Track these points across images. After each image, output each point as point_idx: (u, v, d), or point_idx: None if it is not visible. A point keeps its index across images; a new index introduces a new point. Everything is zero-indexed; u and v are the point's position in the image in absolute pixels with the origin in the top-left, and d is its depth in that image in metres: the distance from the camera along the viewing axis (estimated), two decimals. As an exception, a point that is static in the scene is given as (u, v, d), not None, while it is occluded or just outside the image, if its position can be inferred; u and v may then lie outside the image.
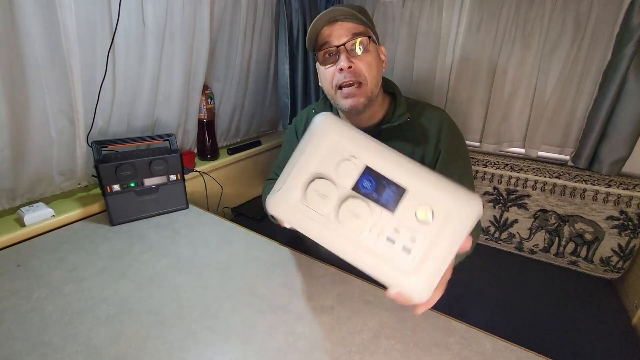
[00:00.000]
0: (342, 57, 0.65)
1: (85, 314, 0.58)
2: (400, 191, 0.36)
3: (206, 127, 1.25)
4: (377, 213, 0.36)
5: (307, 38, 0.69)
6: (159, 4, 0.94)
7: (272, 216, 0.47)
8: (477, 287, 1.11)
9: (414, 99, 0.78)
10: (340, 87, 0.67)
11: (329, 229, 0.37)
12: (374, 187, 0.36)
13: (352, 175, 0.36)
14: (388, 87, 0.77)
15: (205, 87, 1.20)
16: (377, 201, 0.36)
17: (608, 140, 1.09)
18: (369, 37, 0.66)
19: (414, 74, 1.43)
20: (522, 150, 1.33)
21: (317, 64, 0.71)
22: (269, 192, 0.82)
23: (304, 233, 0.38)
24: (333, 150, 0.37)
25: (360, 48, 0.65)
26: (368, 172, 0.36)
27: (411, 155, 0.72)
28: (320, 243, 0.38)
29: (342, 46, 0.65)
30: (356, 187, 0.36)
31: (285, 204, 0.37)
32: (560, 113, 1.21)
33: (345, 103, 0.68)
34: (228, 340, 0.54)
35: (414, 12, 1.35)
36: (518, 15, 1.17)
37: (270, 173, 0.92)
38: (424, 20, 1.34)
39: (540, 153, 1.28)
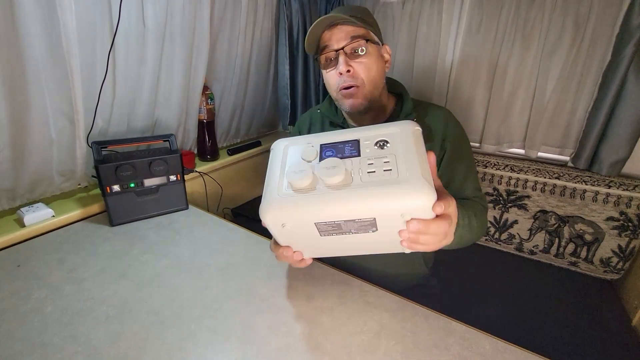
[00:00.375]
0: (341, 60, 0.65)
1: (85, 315, 0.58)
2: (355, 142, 0.44)
3: (206, 127, 1.25)
4: (349, 162, 0.42)
5: (306, 42, 0.69)
6: (159, 4, 0.94)
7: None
8: (477, 287, 1.11)
9: (418, 99, 0.78)
10: (342, 89, 0.68)
11: (321, 200, 0.40)
12: (335, 151, 0.44)
13: (314, 154, 0.44)
14: (395, 87, 0.77)
15: (205, 88, 1.20)
16: (343, 157, 0.43)
17: (608, 141, 1.09)
18: (368, 40, 0.66)
19: (414, 75, 1.43)
20: (522, 151, 1.33)
21: (321, 68, 0.72)
22: None
23: (302, 223, 0.42)
24: (292, 150, 0.46)
25: (358, 51, 0.65)
26: (325, 147, 0.45)
27: None
28: (320, 220, 0.42)
29: (341, 50, 0.65)
30: (322, 159, 0.43)
31: (273, 203, 0.42)
32: (560, 114, 1.21)
33: (346, 103, 0.69)
34: (228, 341, 0.54)
35: (414, 13, 1.36)
36: (518, 16, 1.17)
37: None
38: (423, 21, 1.34)
39: (540, 154, 1.28)
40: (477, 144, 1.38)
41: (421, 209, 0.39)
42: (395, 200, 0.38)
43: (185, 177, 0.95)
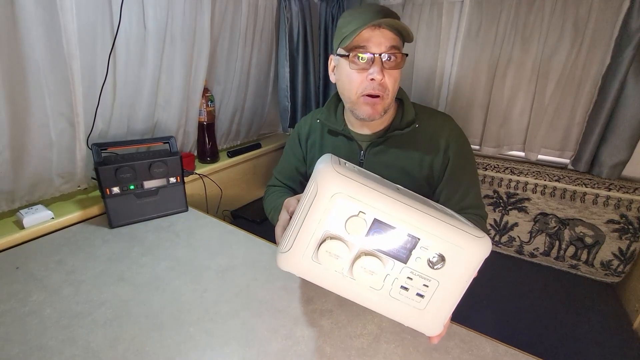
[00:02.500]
0: (377, 68, 0.62)
1: (83, 317, 0.57)
2: (411, 240, 0.35)
3: (206, 129, 1.25)
4: (390, 264, 0.36)
5: (342, 33, 0.64)
6: (160, 7, 0.95)
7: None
8: (477, 290, 1.10)
9: (421, 104, 0.78)
10: (365, 94, 0.65)
11: (343, 281, 0.38)
12: (385, 239, 0.36)
13: (361, 230, 0.35)
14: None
15: (206, 90, 1.20)
16: (388, 253, 0.36)
17: (608, 144, 1.09)
18: (403, 53, 0.64)
19: (414, 78, 1.44)
20: (522, 154, 1.33)
21: (340, 64, 0.67)
22: (271, 200, 0.80)
23: (317, 284, 0.39)
24: (339, 208, 0.35)
25: (393, 62, 0.63)
26: (377, 225, 0.35)
27: (420, 162, 0.72)
28: (334, 292, 0.39)
29: (379, 56, 0.62)
30: (367, 241, 0.36)
31: (296, 264, 0.38)
32: (560, 116, 1.21)
33: (364, 111, 0.67)
34: (227, 344, 0.53)
35: (414, 16, 1.36)
36: (517, 19, 1.17)
37: (272, 178, 0.91)
38: (423, 25, 1.35)
39: (540, 156, 1.29)
40: (477, 147, 1.38)
41: (422, 332, 0.40)
42: (407, 322, 0.39)
43: (185, 179, 0.95)
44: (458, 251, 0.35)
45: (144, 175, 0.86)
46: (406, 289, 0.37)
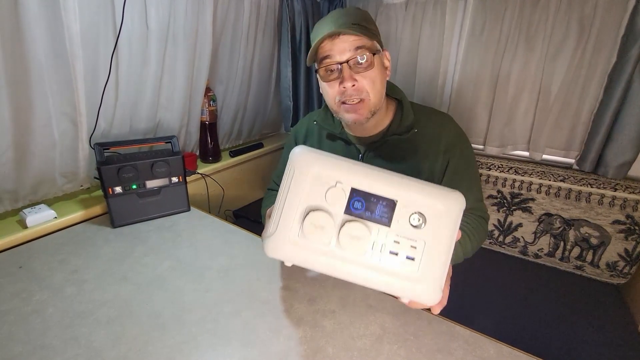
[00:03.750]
0: (345, 74, 0.61)
1: (86, 317, 0.57)
2: (390, 204, 0.38)
3: (208, 129, 1.25)
4: (375, 230, 0.37)
5: (308, 55, 0.64)
6: (162, 6, 0.95)
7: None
8: (481, 291, 1.10)
9: (420, 104, 0.76)
10: (343, 102, 0.65)
11: (333, 257, 0.38)
12: (365, 205, 0.38)
13: (341, 199, 0.38)
14: (394, 92, 0.74)
15: (208, 90, 1.20)
16: (371, 219, 0.38)
17: (614, 144, 1.08)
18: (373, 53, 0.62)
19: (417, 77, 1.43)
20: (526, 154, 1.32)
21: (318, 78, 0.68)
22: (269, 205, 0.79)
23: (307, 267, 0.39)
24: (317, 181, 0.38)
25: (363, 63, 0.61)
26: (356, 194, 0.38)
27: (419, 166, 0.71)
28: (326, 273, 0.39)
29: (345, 63, 0.61)
30: (348, 210, 0.38)
31: (284, 245, 0.38)
32: (565, 116, 1.20)
33: (348, 117, 0.66)
34: (229, 344, 0.53)
35: (417, 15, 1.35)
36: (522, 18, 1.16)
37: (270, 182, 0.90)
38: (427, 23, 1.34)
39: (545, 156, 1.27)
40: (481, 146, 1.37)
41: (423, 303, 0.39)
42: (403, 293, 0.38)
43: (187, 178, 0.95)
44: (435, 207, 0.37)
45: (146, 174, 0.86)
46: (395, 253, 0.37)
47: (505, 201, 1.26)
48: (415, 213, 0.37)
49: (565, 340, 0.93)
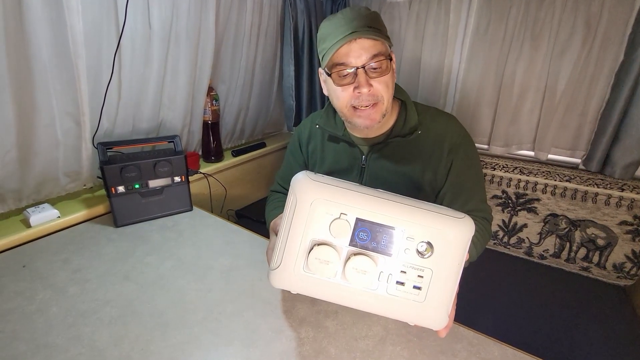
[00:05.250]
0: (362, 80, 0.60)
1: (89, 316, 0.58)
2: (396, 233, 0.37)
3: (211, 128, 1.25)
4: (382, 260, 0.37)
5: (323, 57, 0.62)
6: (165, 6, 0.95)
7: None
8: (485, 292, 1.09)
9: (424, 104, 0.75)
10: (354, 107, 0.64)
11: (339, 289, 0.37)
12: (371, 236, 0.37)
13: (346, 231, 0.37)
14: (398, 93, 0.73)
15: (210, 89, 1.20)
16: (377, 250, 0.37)
17: (621, 143, 1.06)
18: (389, 58, 0.61)
19: (421, 77, 1.42)
20: (531, 153, 1.30)
21: (327, 80, 0.66)
22: (272, 208, 0.77)
23: (314, 297, 0.39)
24: (320, 211, 0.37)
25: (379, 70, 0.60)
26: (361, 224, 0.37)
27: (423, 167, 0.70)
28: (332, 302, 0.39)
29: (362, 68, 0.60)
30: (353, 241, 0.37)
31: (288, 278, 0.38)
32: (571, 115, 1.19)
33: (361, 122, 0.65)
34: (231, 344, 0.53)
35: (421, 13, 1.34)
36: (527, 16, 1.15)
37: (274, 184, 0.89)
38: (431, 22, 1.33)
39: (551, 156, 1.26)
40: (486, 146, 1.36)
41: (430, 328, 0.39)
42: (409, 320, 0.38)
43: (190, 178, 0.95)
44: (443, 235, 0.36)
45: (148, 174, 0.86)
46: (402, 283, 0.37)
47: (510, 201, 1.25)
48: (422, 242, 0.36)
49: (571, 343, 0.92)
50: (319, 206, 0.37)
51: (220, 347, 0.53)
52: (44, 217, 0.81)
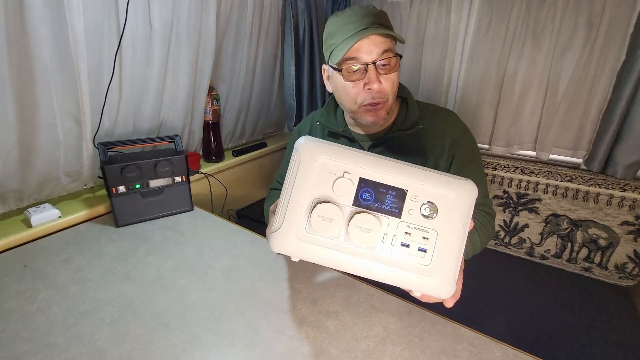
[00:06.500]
0: (372, 76, 0.60)
1: (90, 316, 0.58)
2: (400, 193, 0.36)
3: (211, 128, 1.25)
4: (385, 221, 0.36)
5: (330, 45, 0.62)
6: (166, 6, 0.95)
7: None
8: (486, 293, 1.09)
9: (425, 102, 0.76)
10: (363, 104, 0.64)
11: (342, 251, 0.36)
12: (374, 196, 0.36)
13: (350, 191, 0.36)
14: (400, 90, 0.73)
15: (211, 89, 1.20)
16: (381, 210, 0.36)
17: (623, 143, 1.06)
18: (398, 55, 0.62)
19: (422, 76, 1.42)
20: (533, 153, 1.30)
21: (334, 76, 0.66)
22: (269, 205, 0.77)
23: (316, 262, 0.38)
24: (324, 171, 0.36)
25: (388, 66, 0.61)
26: (364, 184, 0.36)
27: (423, 160, 0.70)
28: (335, 268, 0.38)
29: (372, 64, 0.60)
30: (357, 202, 0.36)
31: (290, 239, 0.37)
32: (573, 115, 1.18)
33: (367, 118, 0.66)
34: (232, 344, 0.53)
35: (422, 13, 1.34)
36: (528, 15, 1.15)
37: (273, 182, 0.89)
38: (432, 21, 1.33)
39: (552, 156, 1.26)
40: (487, 146, 1.36)
41: (437, 296, 0.38)
42: (416, 286, 0.37)
43: (190, 178, 0.95)
44: (447, 196, 0.36)
45: (149, 174, 0.86)
46: (407, 245, 0.36)
47: (511, 201, 1.25)
48: (426, 203, 0.36)
49: (572, 343, 0.91)
50: (323, 165, 0.36)
51: (221, 347, 0.53)
52: (44, 217, 0.81)
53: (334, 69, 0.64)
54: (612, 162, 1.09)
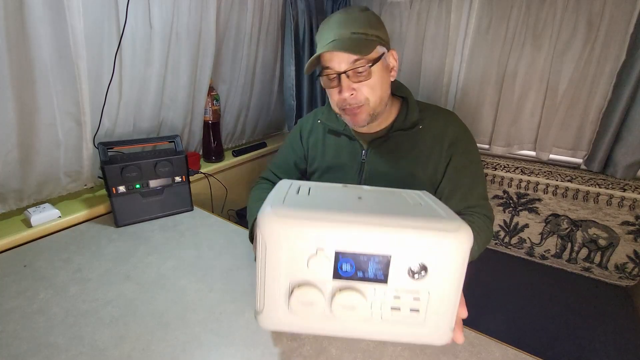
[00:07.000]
0: (344, 85, 0.63)
1: (89, 316, 0.58)
2: (384, 259, 0.32)
3: (211, 128, 1.25)
4: (371, 290, 0.33)
5: (308, 63, 0.65)
6: (166, 5, 0.95)
7: None
8: (486, 293, 1.09)
9: (425, 102, 0.76)
10: (342, 108, 0.67)
11: (330, 323, 0.34)
12: (355, 266, 0.33)
13: (327, 266, 0.32)
14: (400, 91, 0.74)
15: (211, 89, 1.20)
16: (365, 279, 0.33)
17: (623, 143, 1.06)
18: (373, 62, 0.62)
19: (422, 76, 1.42)
20: (532, 153, 1.30)
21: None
22: (257, 199, 0.75)
23: (308, 333, 0.37)
24: (294, 251, 0.32)
25: (362, 72, 0.62)
26: (342, 256, 0.32)
27: (423, 162, 0.71)
28: (328, 335, 0.36)
29: (343, 73, 0.62)
30: (337, 275, 0.33)
31: (276, 320, 0.35)
32: (573, 115, 1.18)
33: (348, 121, 0.69)
34: (232, 344, 0.53)
35: (422, 13, 1.34)
36: (528, 15, 1.15)
37: (266, 170, 0.88)
38: (432, 21, 1.33)
39: (552, 156, 1.26)
40: (487, 146, 1.36)
41: (434, 345, 0.36)
42: (411, 340, 0.35)
43: (190, 178, 0.95)
44: (437, 253, 0.32)
45: (149, 174, 0.86)
46: (397, 309, 0.33)
47: (511, 201, 1.25)
48: (414, 265, 0.32)
49: (573, 344, 0.91)
50: (291, 245, 0.32)
51: (222, 347, 0.52)
52: (44, 217, 0.81)
53: (319, 74, 0.67)
54: (612, 162, 1.09)
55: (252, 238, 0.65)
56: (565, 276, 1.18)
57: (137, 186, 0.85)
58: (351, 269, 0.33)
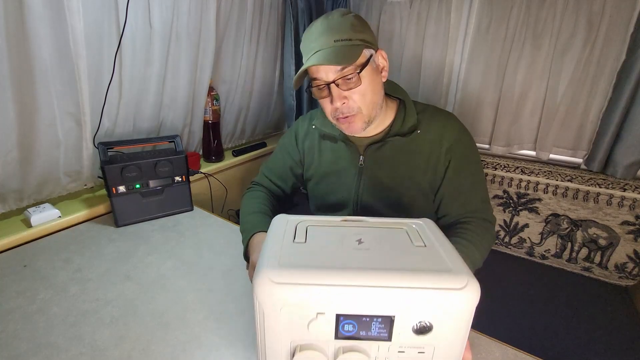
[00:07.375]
0: (334, 94, 0.62)
1: (89, 316, 0.57)
2: (387, 319, 0.31)
3: (211, 128, 1.25)
4: (375, 348, 0.33)
5: (295, 78, 0.64)
6: (166, 5, 0.95)
7: None
8: (486, 293, 1.08)
9: (423, 103, 0.75)
10: (337, 117, 0.66)
11: None
12: (358, 327, 0.32)
13: (328, 329, 0.32)
14: (395, 92, 0.72)
15: (211, 89, 1.20)
16: (368, 337, 0.32)
17: (623, 143, 1.06)
18: (360, 68, 0.60)
19: (422, 76, 1.42)
20: (532, 153, 1.30)
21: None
22: (250, 211, 0.74)
23: None
24: (294, 317, 0.31)
25: (351, 80, 0.61)
26: (344, 318, 0.32)
27: (422, 167, 0.70)
28: None
29: (332, 83, 0.61)
30: (339, 335, 0.32)
31: None
32: (573, 115, 1.18)
33: (344, 129, 0.68)
34: (232, 345, 0.53)
35: (422, 12, 1.34)
36: (528, 15, 1.14)
37: (259, 175, 0.87)
38: (432, 21, 1.32)
39: (552, 156, 1.26)
40: (487, 146, 1.36)
41: None
42: None
43: (190, 178, 0.95)
44: (443, 311, 0.31)
45: (149, 174, 0.86)
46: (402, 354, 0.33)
47: (511, 201, 1.25)
48: (419, 323, 0.32)
49: (572, 342, 0.91)
50: (290, 313, 0.31)
51: (222, 347, 0.52)
52: (44, 217, 0.81)
53: (309, 85, 0.66)
54: (612, 162, 1.09)
55: (247, 257, 0.65)
56: (565, 276, 1.18)
57: (137, 186, 0.85)
58: (353, 329, 0.32)
